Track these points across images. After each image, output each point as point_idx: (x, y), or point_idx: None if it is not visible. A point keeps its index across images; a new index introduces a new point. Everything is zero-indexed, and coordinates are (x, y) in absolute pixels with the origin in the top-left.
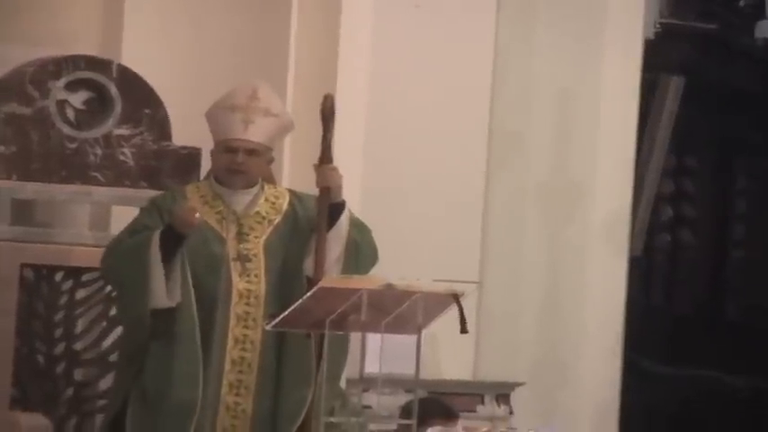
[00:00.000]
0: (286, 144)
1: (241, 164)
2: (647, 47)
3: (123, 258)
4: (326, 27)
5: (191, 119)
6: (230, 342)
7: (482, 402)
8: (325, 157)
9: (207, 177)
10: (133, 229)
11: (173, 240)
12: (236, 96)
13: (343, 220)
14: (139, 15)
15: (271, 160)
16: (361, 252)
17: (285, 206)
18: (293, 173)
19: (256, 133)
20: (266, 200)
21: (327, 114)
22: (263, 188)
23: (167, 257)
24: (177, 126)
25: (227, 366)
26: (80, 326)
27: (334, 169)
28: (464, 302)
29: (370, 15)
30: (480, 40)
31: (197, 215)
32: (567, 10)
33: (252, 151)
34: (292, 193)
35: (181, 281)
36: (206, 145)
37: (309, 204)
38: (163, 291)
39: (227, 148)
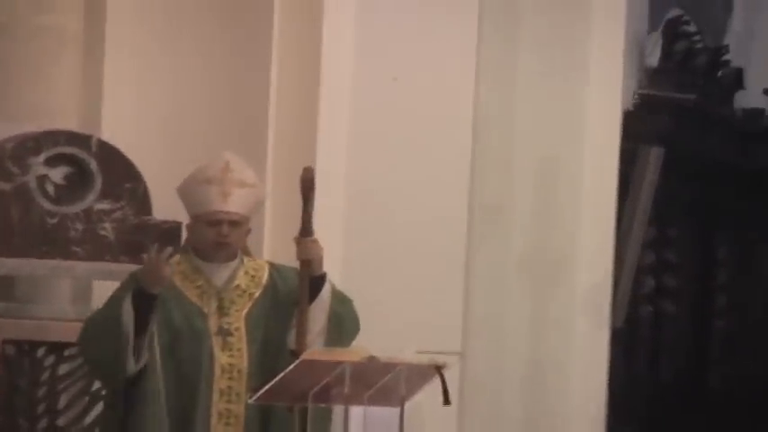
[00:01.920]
0: (266, 215)
1: (227, 236)
2: (627, 117)
3: (95, 324)
4: (306, 99)
5: (171, 192)
6: (214, 417)
7: None
8: (306, 229)
9: (182, 251)
10: (111, 305)
11: (144, 303)
12: (210, 170)
13: (325, 292)
14: (118, 90)
15: (248, 231)
16: (343, 324)
17: (265, 279)
18: (273, 245)
19: (237, 204)
20: (246, 273)
21: (307, 186)
22: (242, 261)
23: (140, 323)
24: (157, 200)
25: None
26: (63, 401)
27: (315, 242)
28: (447, 373)
29: (350, 88)
30: (460, 111)
31: (168, 269)
32: (547, 81)
33: (235, 223)
34: (271, 265)
35: (147, 343)
36: (186, 218)
37: (289, 276)
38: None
39: (209, 222)
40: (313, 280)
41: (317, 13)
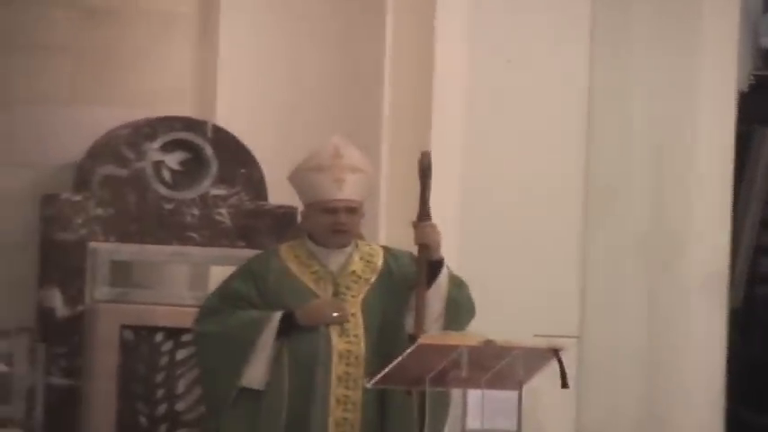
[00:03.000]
0: (382, 201)
1: (345, 224)
2: (741, 99)
3: (230, 331)
4: (420, 84)
5: (285, 178)
6: (332, 403)
7: None
8: (423, 213)
9: (296, 236)
10: (225, 294)
11: (287, 327)
12: (320, 157)
13: (443, 277)
14: (233, 75)
15: (362, 215)
16: (460, 308)
17: (380, 264)
18: (389, 229)
19: (352, 191)
20: (361, 258)
21: (425, 171)
22: (356, 246)
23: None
24: (272, 185)
25: (331, 428)
26: (181, 386)
27: (433, 226)
28: (564, 357)
29: (464, 71)
30: (574, 94)
31: (334, 314)
32: (660, 63)
33: (351, 209)
34: (386, 250)
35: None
36: (301, 203)
37: (404, 261)
38: (261, 374)
39: (326, 210)
40: (430, 264)
41: None
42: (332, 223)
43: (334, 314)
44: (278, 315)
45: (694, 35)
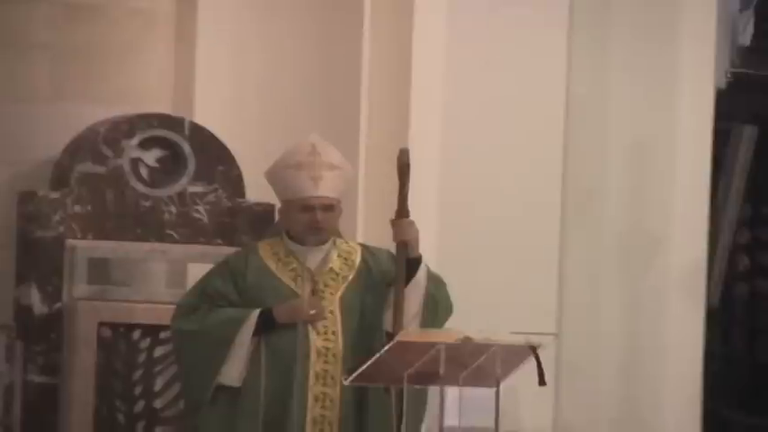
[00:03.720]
0: (360, 198)
1: (321, 221)
2: (719, 96)
3: (208, 329)
4: (398, 82)
5: (263, 175)
6: (310, 400)
7: None
8: (402, 210)
9: (274, 234)
10: (203, 291)
11: (264, 325)
12: (298, 154)
13: (421, 273)
14: (211, 72)
15: (340, 213)
16: (438, 306)
17: (358, 261)
18: (366, 227)
19: (328, 189)
20: (339, 256)
21: (403, 168)
22: (334, 244)
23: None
24: (250, 182)
25: (309, 425)
26: (159, 383)
27: (411, 223)
28: (542, 354)
29: (443, 70)
30: (552, 93)
31: (311, 312)
32: (638, 61)
33: (327, 207)
34: (364, 247)
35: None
36: (279, 201)
37: (382, 258)
38: (238, 371)
39: (302, 207)
40: (409, 261)
41: None
42: (308, 221)
43: (311, 312)
44: (255, 313)
45: (672, 33)
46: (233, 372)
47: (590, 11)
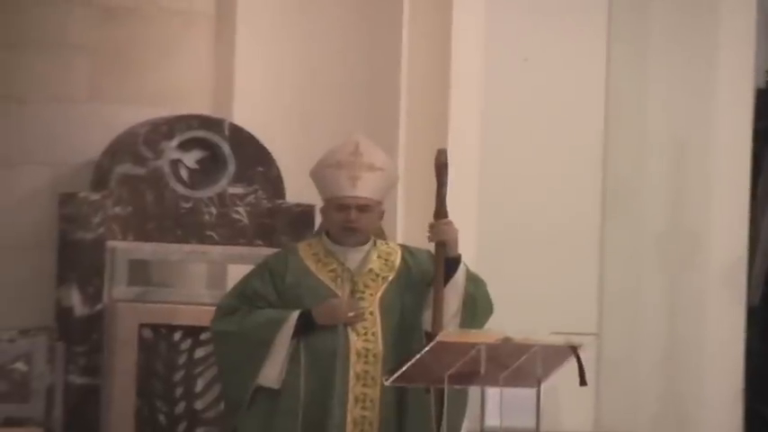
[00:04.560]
0: (399, 198)
1: (354, 221)
2: (759, 96)
3: (247, 330)
4: (437, 82)
5: (303, 176)
6: (350, 402)
7: None
8: (440, 211)
9: (317, 234)
10: (242, 292)
11: (303, 326)
12: (339, 153)
13: (460, 274)
14: (250, 73)
15: (381, 214)
16: (477, 306)
17: (398, 262)
18: (406, 227)
19: (365, 189)
20: (379, 257)
21: (441, 169)
22: (374, 244)
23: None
24: (290, 183)
25: (350, 426)
26: (200, 385)
27: (450, 223)
28: (583, 354)
29: (481, 70)
30: (591, 92)
31: (350, 314)
32: (677, 60)
33: (363, 207)
34: (404, 248)
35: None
36: (319, 201)
37: (422, 259)
38: (278, 373)
39: (338, 207)
40: (448, 262)
41: None
42: (343, 220)
43: (350, 314)
44: (295, 314)
45: (712, 33)
46: (272, 373)
47: (630, 9)
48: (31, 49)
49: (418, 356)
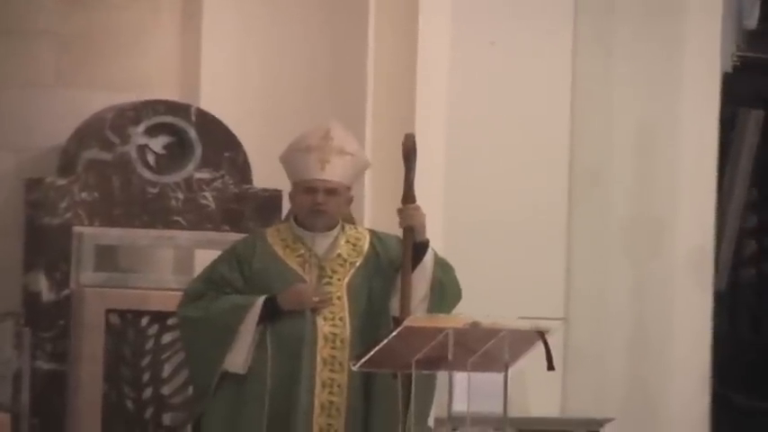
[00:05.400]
0: (366, 183)
1: (321, 204)
2: (725, 80)
3: (213, 316)
4: (403, 66)
5: (270, 161)
6: (318, 386)
7: None
8: (408, 196)
9: (286, 219)
10: (209, 278)
11: (269, 312)
12: (310, 137)
13: (428, 259)
14: (217, 59)
15: (350, 200)
16: (445, 291)
17: (366, 247)
18: (374, 212)
19: (334, 173)
20: (347, 241)
21: (409, 154)
22: (343, 229)
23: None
24: (257, 168)
25: (317, 411)
26: (167, 370)
27: (418, 208)
28: (550, 339)
29: (447, 53)
30: (558, 76)
31: (315, 299)
32: (644, 45)
33: (331, 191)
34: (372, 233)
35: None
36: (286, 187)
37: (390, 244)
38: (243, 359)
39: (306, 189)
40: (416, 247)
41: None
42: (311, 203)
43: (316, 299)
44: (260, 300)
45: (678, 17)
46: (238, 359)
47: None
48: None
49: (385, 341)
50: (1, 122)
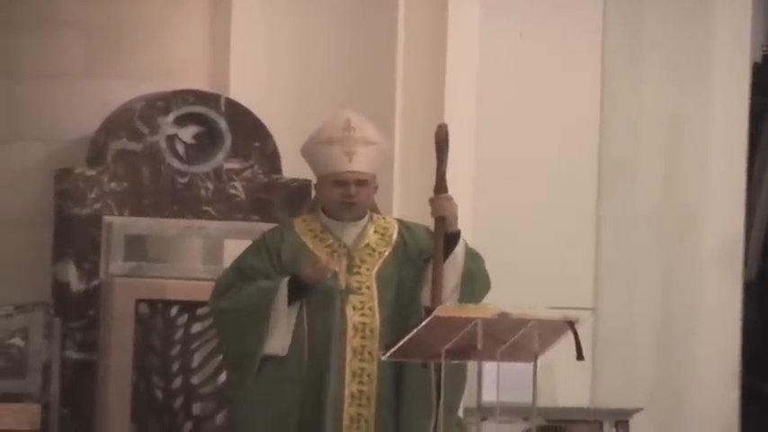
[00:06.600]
0: (395, 174)
1: (353, 196)
2: (755, 70)
3: (243, 304)
4: (433, 57)
5: (299, 151)
6: (348, 376)
7: (600, 429)
8: (440, 186)
9: (311, 210)
10: (239, 268)
11: (297, 291)
12: (330, 129)
13: (459, 249)
14: (246, 48)
15: (375, 188)
16: (476, 281)
17: (395, 237)
18: (402, 202)
19: (362, 164)
20: (375, 231)
21: (442, 144)
22: (371, 219)
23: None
24: (286, 158)
25: (347, 401)
26: (196, 360)
27: (450, 199)
28: (579, 329)
29: (476, 45)
30: (587, 67)
31: (329, 272)
32: (673, 35)
33: (361, 182)
34: (401, 222)
35: (295, 327)
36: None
37: (419, 234)
38: (282, 340)
39: (335, 182)
40: (447, 237)
41: None
42: (341, 195)
43: (331, 267)
44: (285, 281)
45: (708, 7)
46: (276, 341)
47: None
48: (27, 24)
49: (415, 331)
50: (30, 113)
